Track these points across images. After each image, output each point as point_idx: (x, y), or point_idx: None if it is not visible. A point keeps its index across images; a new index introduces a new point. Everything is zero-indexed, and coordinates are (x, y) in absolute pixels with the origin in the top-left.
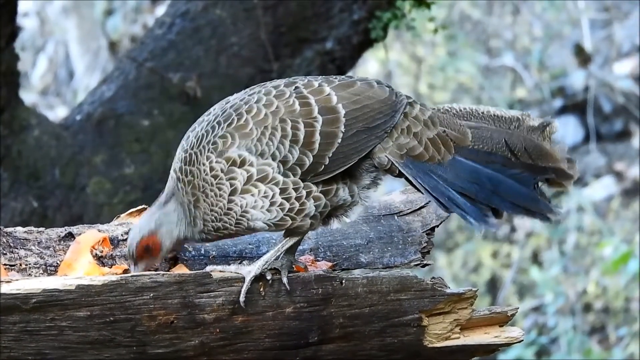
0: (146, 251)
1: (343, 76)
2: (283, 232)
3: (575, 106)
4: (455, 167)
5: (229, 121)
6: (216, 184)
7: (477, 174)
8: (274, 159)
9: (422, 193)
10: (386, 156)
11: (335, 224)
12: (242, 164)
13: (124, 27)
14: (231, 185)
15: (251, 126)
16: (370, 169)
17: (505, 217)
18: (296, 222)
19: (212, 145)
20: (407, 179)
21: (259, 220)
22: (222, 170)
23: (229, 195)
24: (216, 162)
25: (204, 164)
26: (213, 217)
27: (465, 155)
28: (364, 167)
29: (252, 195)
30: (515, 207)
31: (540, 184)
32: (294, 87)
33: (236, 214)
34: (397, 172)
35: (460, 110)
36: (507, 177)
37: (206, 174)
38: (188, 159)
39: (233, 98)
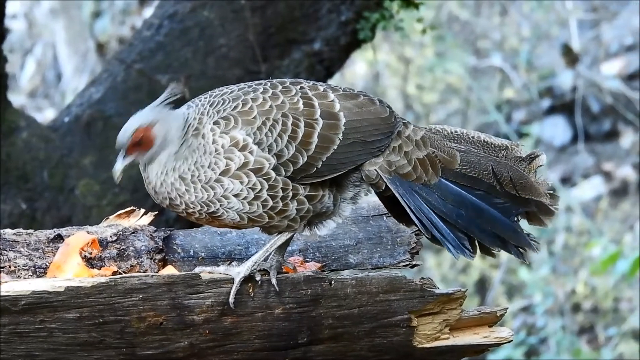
0: (138, 144)
1: (346, 87)
2: (260, 230)
3: (564, 106)
4: (441, 189)
5: (235, 104)
6: (214, 155)
7: (461, 199)
8: (270, 151)
9: (407, 213)
10: (375, 170)
11: (306, 232)
12: (244, 148)
13: (112, 28)
14: (226, 165)
15: (255, 114)
16: (356, 182)
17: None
18: (273, 221)
19: (214, 123)
20: (388, 202)
21: (233, 210)
22: (223, 146)
23: (220, 174)
24: (220, 136)
25: (208, 132)
26: (192, 173)
27: (452, 178)
28: (351, 180)
29: (241, 182)
30: (494, 238)
31: (520, 217)
32: (299, 87)
33: (215, 194)
34: (384, 187)
35: (451, 133)
36: (489, 206)
37: (207, 142)
38: (202, 111)
39: (239, 85)
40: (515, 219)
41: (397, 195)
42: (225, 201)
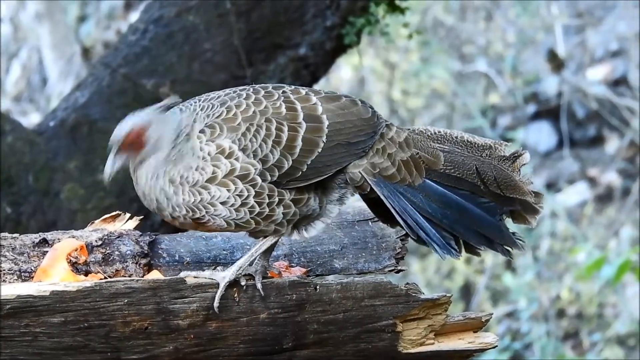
0: (131, 144)
1: (328, 90)
2: (247, 234)
3: (549, 112)
4: (425, 190)
5: (220, 111)
6: (201, 161)
7: (445, 199)
8: (255, 157)
9: (392, 215)
10: (360, 172)
11: (294, 236)
12: (230, 155)
13: (97, 33)
14: (213, 172)
15: (239, 121)
16: (342, 184)
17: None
18: (260, 226)
19: (200, 131)
20: (373, 204)
21: (220, 217)
22: (209, 153)
23: (206, 181)
24: (206, 143)
25: (194, 140)
26: (180, 175)
27: (436, 178)
28: (337, 182)
29: (229, 190)
30: (479, 237)
31: (505, 216)
32: (281, 91)
33: (201, 200)
34: (369, 189)
35: (435, 133)
36: (474, 205)
37: (194, 148)
38: (196, 117)
39: (224, 90)
40: (500, 218)
41: (382, 197)
42: (212, 208)
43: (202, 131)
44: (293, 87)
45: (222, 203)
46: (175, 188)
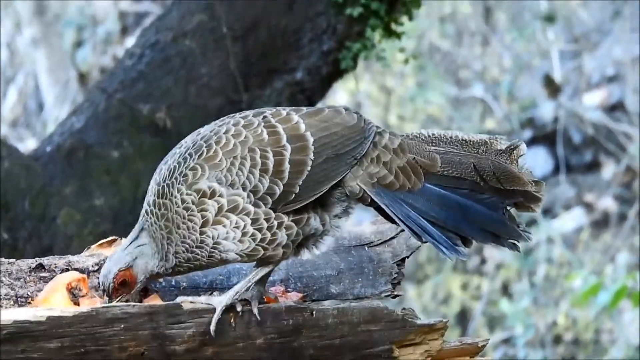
0: (122, 285)
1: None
2: (254, 262)
3: (545, 137)
4: (425, 194)
5: (199, 153)
6: (188, 215)
7: (447, 200)
8: (244, 189)
9: (395, 221)
10: (357, 184)
11: (306, 255)
12: (212, 195)
13: (94, 58)
14: (202, 217)
15: (220, 157)
16: (342, 197)
17: (474, 245)
18: (268, 251)
19: (182, 177)
20: (378, 207)
21: (231, 252)
22: (192, 202)
23: (201, 227)
24: (187, 194)
25: (175, 196)
26: (184, 249)
27: (435, 181)
28: (336, 196)
29: (224, 226)
30: (484, 234)
31: (508, 208)
32: (262, 117)
33: (208, 246)
34: (369, 200)
35: (429, 136)
36: (475, 202)
37: (177, 206)
38: (160, 192)
39: (203, 130)
40: (504, 211)
41: (383, 206)
42: (220, 247)
43: (184, 175)
44: (274, 109)
45: (225, 239)
46: (188, 262)
